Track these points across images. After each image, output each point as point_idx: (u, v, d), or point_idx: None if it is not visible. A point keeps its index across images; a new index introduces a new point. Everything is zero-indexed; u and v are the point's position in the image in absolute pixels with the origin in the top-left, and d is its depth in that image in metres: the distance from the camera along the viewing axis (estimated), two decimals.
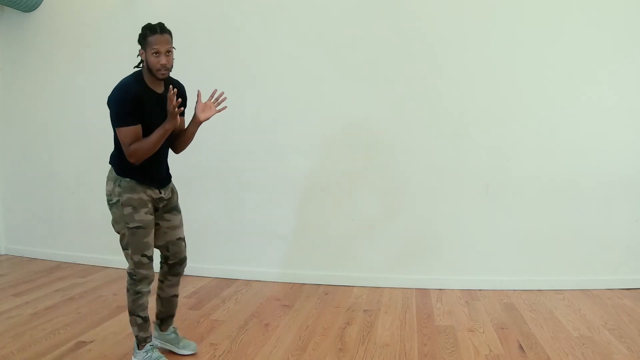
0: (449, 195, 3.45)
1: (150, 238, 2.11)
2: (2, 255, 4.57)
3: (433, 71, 3.44)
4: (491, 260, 3.45)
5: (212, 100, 2.19)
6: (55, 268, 4.12)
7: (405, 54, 3.47)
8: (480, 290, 3.40)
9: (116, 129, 2.01)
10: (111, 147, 2.17)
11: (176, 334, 2.41)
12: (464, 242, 3.47)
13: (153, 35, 1.97)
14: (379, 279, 3.51)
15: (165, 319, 2.39)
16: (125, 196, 2.04)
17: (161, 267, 2.32)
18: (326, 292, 3.41)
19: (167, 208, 2.24)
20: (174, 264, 2.32)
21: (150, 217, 2.10)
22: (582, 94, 3.34)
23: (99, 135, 3.96)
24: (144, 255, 2.09)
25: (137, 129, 1.98)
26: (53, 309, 3.16)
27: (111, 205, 2.12)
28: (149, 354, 2.17)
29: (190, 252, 3.79)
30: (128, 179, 2.06)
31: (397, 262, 3.55)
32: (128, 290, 2.14)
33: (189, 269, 3.71)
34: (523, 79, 3.37)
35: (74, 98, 4.08)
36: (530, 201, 3.40)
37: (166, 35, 2.01)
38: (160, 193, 2.17)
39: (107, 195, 2.13)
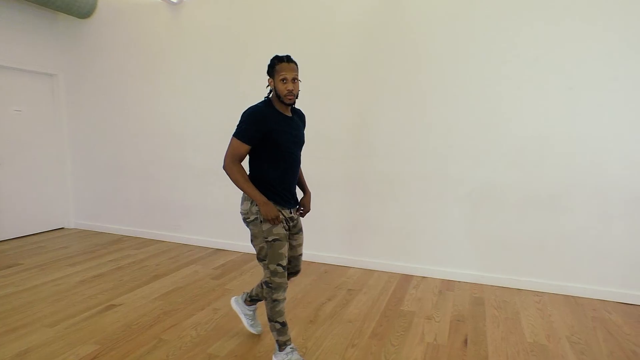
0: (435, 197, 3.61)
1: (285, 249, 2.22)
2: (72, 228, 5.22)
3: (425, 85, 3.54)
4: (473, 257, 3.56)
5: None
6: (117, 241, 4.68)
7: (398, 66, 3.58)
8: (459, 282, 3.54)
9: (233, 136, 2.14)
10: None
11: (254, 312, 2.67)
12: (448, 238, 3.62)
13: (280, 63, 2.10)
14: (372, 263, 3.86)
15: (256, 300, 2.61)
16: None
17: None
18: (326, 271, 3.82)
19: (295, 230, 2.35)
20: (289, 273, 2.46)
21: (286, 232, 2.23)
22: (574, 104, 3.19)
23: (159, 132, 4.66)
24: (279, 265, 2.20)
25: (245, 147, 2.12)
26: (100, 277, 3.54)
27: (248, 222, 2.22)
28: (288, 356, 2.28)
29: (225, 231, 4.48)
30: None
31: (388, 250, 3.82)
32: (266, 298, 2.27)
33: (224, 244, 4.47)
34: (511, 94, 3.32)
35: (135, 100, 4.70)
36: (515, 207, 3.40)
37: (292, 64, 2.12)
38: (291, 213, 2.30)
39: (243, 214, 2.23)
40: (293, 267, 2.45)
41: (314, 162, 3.92)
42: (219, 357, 2.40)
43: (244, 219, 2.23)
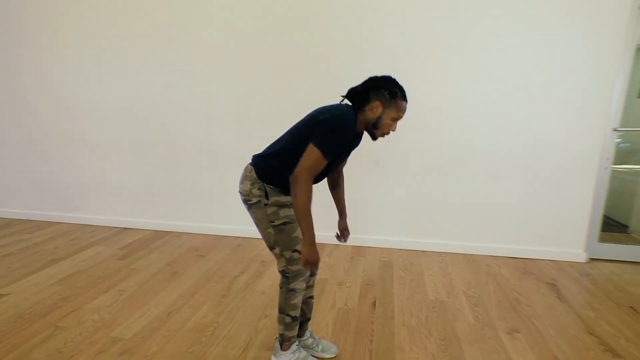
0: (345, 167, 3.60)
1: (299, 232, 1.89)
2: None
3: (325, 65, 3.52)
4: (382, 222, 3.71)
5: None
6: (5, 226, 4.24)
7: (297, 39, 3.52)
8: (370, 247, 3.70)
9: (316, 147, 1.70)
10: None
11: (313, 337, 2.24)
12: (358, 206, 3.73)
13: (403, 102, 1.83)
14: None
15: (302, 323, 2.21)
16: (273, 199, 1.86)
17: None
18: (239, 244, 3.77)
19: None
20: None
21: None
22: (466, 78, 3.39)
23: (46, 104, 4.16)
24: (295, 251, 1.89)
25: (325, 163, 1.74)
26: None
27: (250, 205, 1.90)
28: (295, 355, 2.07)
29: (131, 209, 4.18)
30: (272, 186, 1.87)
31: None
32: (281, 287, 1.98)
33: (130, 222, 4.20)
34: (413, 65, 3.42)
35: (13, 67, 4.16)
36: (417, 173, 3.58)
37: None
38: None
39: (244, 194, 1.91)
40: None
41: (224, 135, 3.80)
42: (124, 340, 2.27)
43: (245, 201, 1.91)
